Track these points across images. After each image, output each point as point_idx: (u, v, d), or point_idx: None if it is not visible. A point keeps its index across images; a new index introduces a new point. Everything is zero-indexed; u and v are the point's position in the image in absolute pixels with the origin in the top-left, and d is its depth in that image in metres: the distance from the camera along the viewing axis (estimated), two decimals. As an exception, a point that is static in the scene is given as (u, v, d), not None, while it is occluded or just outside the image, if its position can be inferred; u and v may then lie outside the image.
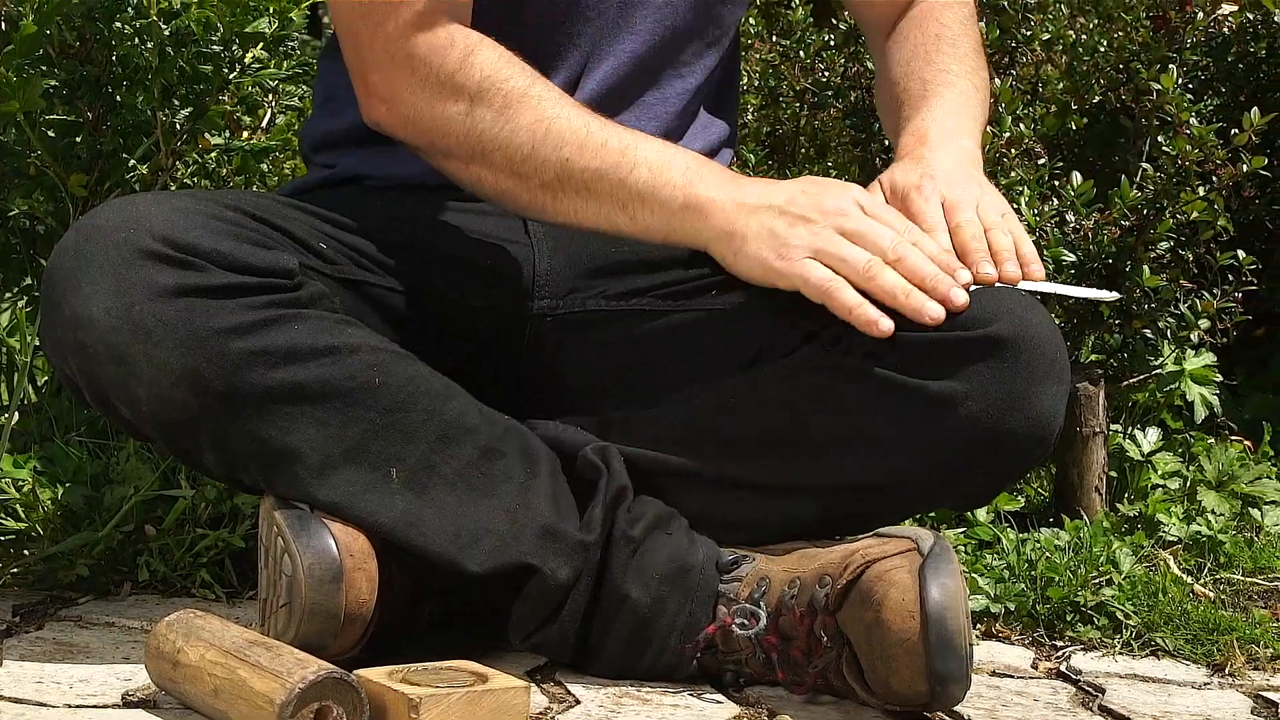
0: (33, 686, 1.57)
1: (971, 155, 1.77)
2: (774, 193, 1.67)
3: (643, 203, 1.66)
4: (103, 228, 1.61)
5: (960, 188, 1.71)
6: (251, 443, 1.61)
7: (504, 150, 1.68)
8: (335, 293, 1.69)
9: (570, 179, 1.67)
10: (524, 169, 1.68)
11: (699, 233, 1.66)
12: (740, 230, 1.64)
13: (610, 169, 1.66)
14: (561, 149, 1.67)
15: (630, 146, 1.67)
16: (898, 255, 1.63)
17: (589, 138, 1.67)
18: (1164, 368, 2.34)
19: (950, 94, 1.83)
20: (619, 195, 1.66)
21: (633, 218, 1.67)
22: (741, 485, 1.69)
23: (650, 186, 1.66)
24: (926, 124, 1.79)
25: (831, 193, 1.67)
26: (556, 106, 1.69)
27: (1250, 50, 2.47)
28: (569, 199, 1.68)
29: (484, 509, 1.65)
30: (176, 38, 2.06)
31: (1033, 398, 1.62)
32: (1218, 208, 2.24)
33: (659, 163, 1.67)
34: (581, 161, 1.66)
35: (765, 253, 1.64)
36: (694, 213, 1.66)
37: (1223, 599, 2.03)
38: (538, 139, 1.67)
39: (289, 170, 2.47)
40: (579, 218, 1.69)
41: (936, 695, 1.56)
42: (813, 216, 1.64)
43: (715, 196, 1.66)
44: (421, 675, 1.50)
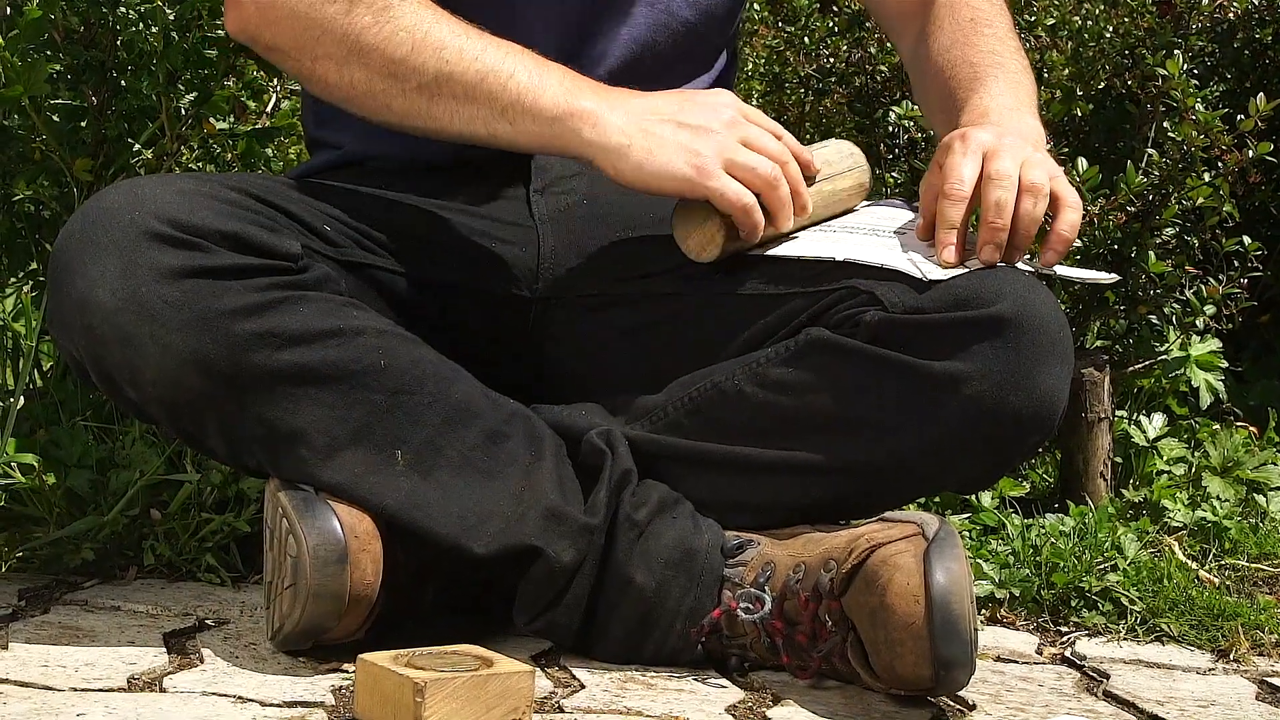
0: (39, 670, 1.58)
1: (1036, 132, 1.76)
2: (659, 104, 1.69)
3: (522, 109, 1.67)
4: (108, 210, 1.61)
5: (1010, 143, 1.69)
6: (257, 425, 1.62)
7: (381, 50, 1.68)
8: (340, 275, 1.70)
9: (450, 81, 1.67)
10: (401, 70, 1.68)
11: (581, 141, 1.67)
12: (641, 143, 1.66)
13: (490, 73, 1.67)
14: (442, 51, 1.67)
15: (510, 54, 1.68)
16: (785, 161, 1.70)
17: (469, 43, 1.68)
18: (1169, 353, 2.34)
19: (1002, 75, 1.81)
20: (499, 100, 1.67)
21: (512, 123, 1.67)
22: (746, 468, 1.69)
23: (530, 92, 1.66)
24: (986, 104, 1.77)
25: (716, 103, 1.70)
26: (435, 14, 1.70)
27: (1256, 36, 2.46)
28: (445, 102, 1.68)
29: (489, 491, 1.65)
30: (181, 22, 2.06)
31: (1036, 377, 1.62)
32: (1223, 193, 2.24)
33: (538, 71, 1.68)
34: (462, 65, 1.67)
35: (679, 164, 1.66)
36: (577, 119, 1.66)
37: (1227, 585, 2.03)
38: (417, 40, 1.68)
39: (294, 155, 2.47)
40: (453, 122, 1.69)
41: (941, 680, 1.56)
42: (714, 127, 1.68)
43: (598, 107, 1.67)
44: (426, 659, 1.51)
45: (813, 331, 1.67)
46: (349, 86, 1.71)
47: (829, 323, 1.67)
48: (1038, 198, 1.66)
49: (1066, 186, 1.70)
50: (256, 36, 1.74)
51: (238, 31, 1.75)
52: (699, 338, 1.75)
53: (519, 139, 1.68)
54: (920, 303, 1.64)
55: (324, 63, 1.71)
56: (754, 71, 2.68)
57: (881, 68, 2.47)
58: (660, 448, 1.71)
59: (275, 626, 1.64)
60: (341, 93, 1.72)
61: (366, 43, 1.68)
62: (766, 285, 1.72)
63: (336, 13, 1.69)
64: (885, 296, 1.65)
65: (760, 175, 1.68)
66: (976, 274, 1.64)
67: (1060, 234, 1.68)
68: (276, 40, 1.73)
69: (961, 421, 1.62)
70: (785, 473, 1.68)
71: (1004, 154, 1.67)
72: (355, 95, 1.71)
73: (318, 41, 1.70)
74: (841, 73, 2.52)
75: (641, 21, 1.84)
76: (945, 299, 1.63)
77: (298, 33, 1.70)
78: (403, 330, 1.68)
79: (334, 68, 1.70)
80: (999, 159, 1.67)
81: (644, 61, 1.84)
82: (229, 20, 1.75)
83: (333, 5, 1.69)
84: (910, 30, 1.94)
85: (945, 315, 1.62)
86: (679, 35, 1.86)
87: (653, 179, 1.66)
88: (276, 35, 1.72)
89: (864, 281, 1.67)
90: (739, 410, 1.69)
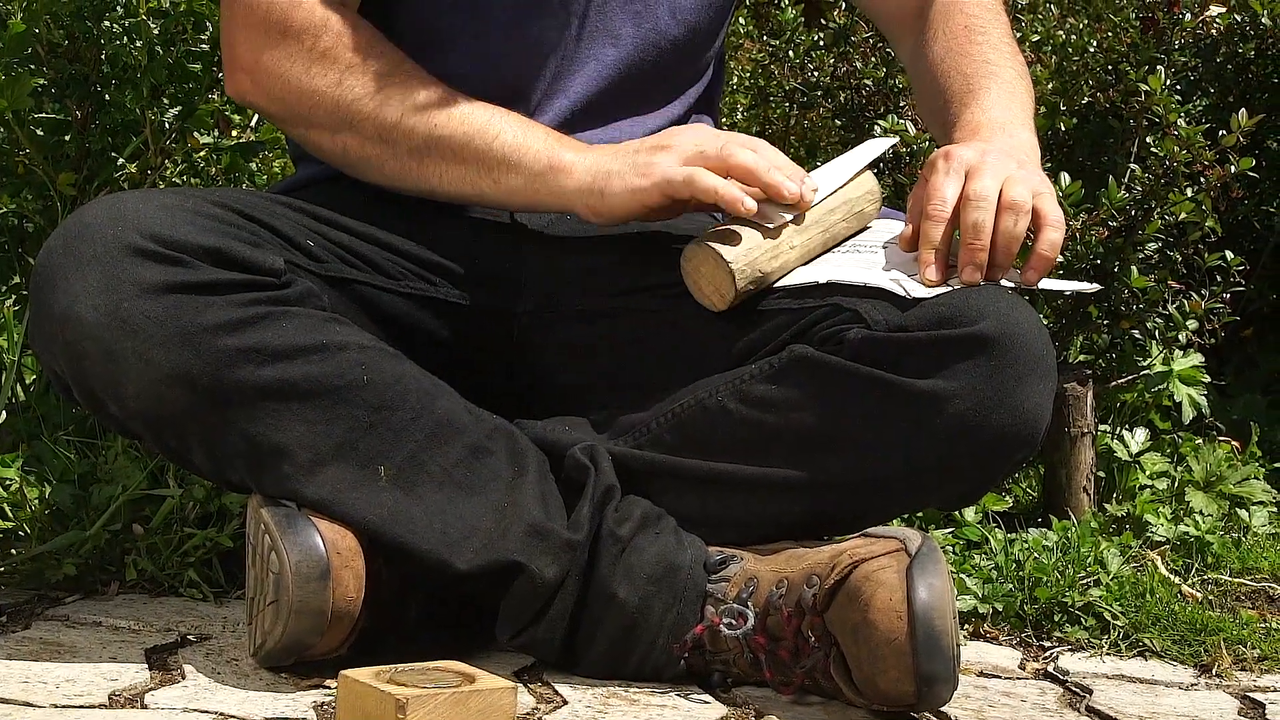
0: (19, 686, 1.57)
1: (1027, 146, 1.75)
2: (629, 143, 1.74)
3: (507, 166, 1.72)
4: (91, 225, 1.61)
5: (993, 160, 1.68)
6: (239, 440, 1.61)
7: (373, 119, 1.73)
8: (323, 291, 1.70)
9: (438, 144, 1.73)
10: (392, 135, 1.73)
11: (562, 192, 1.72)
12: (602, 174, 1.71)
13: (476, 134, 1.72)
14: (431, 116, 1.73)
15: (494, 117, 1.74)
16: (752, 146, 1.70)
17: (455, 108, 1.73)
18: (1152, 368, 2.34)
19: (995, 85, 1.81)
20: (485, 160, 1.72)
21: (496, 181, 1.73)
22: (729, 485, 1.69)
23: (515, 151, 1.72)
24: (977, 119, 1.77)
25: (684, 128, 1.75)
26: (423, 81, 1.75)
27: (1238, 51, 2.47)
28: (434, 164, 1.74)
29: (472, 507, 1.65)
30: (165, 36, 2.06)
31: (1019, 395, 1.62)
32: (1206, 208, 2.24)
33: (521, 130, 1.74)
34: (449, 128, 1.73)
35: (629, 179, 1.70)
36: (557, 173, 1.72)
37: (1210, 599, 2.03)
38: (406, 109, 1.73)
39: (278, 169, 2.47)
40: (442, 182, 1.75)
41: (923, 695, 1.56)
42: (668, 143, 1.71)
43: (574, 159, 1.72)
44: (408, 675, 1.50)
45: (796, 349, 1.67)
46: (342, 152, 1.77)
47: (813, 340, 1.68)
48: (1018, 215, 1.66)
49: (1050, 204, 1.69)
50: (254, 103, 1.80)
51: (236, 97, 1.80)
52: (683, 353, 1.75)
53: (504, 197, 1.74)
54: (903, 321, 1.64)
55: (317, 130, 1.76)
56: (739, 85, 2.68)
57: (867, 82, 2.47)
58: (643, 463, 1.71)
59: (257, 643, 1.63)
60: (336, 158, 1.78)
61: (358, 112, 1.74)
62: (750, 303, 1.72)
63: (328, 84, 1.74)
64: (869, 314, 1.65)
65: (707, 154, 1.69)
66: (959, 292, 1.65)
67: (1040, 254, 1.68)
68: (271, 109, 1.78)
69: (945, 439, 1.63)
70: (768, 489, 1.68)
71: (985, 172, 1.67)
72: (349, 160, 1.77)
73: (311, 111, 1.75)
74: (827, 87, 2.53)
75: (629, 41, 1.84)
76: (928, 317, 1.63)
77: (291, 103, 1.76)
78: (386, 345, 1.68)
79: (327, 135, 1.76)
80: (979, 178, 1.67)
81: (631, 79, 1.84)
82: (228, 85, 1.80)
83: (324, 78, 1.74)
84: (907, 38, 1.93)
85: (928, 333, 1.62)
86: (666, 53, 1.86)
87: (617, 203, 1.70)
88: (271, 104, 1.78)
89: (847, 299, 1.67)
90: (722, 426, 1.69)
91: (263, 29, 1.74)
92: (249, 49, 1.75)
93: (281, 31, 1.74)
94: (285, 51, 1.74)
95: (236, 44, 1.77)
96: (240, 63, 1.77)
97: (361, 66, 1.74)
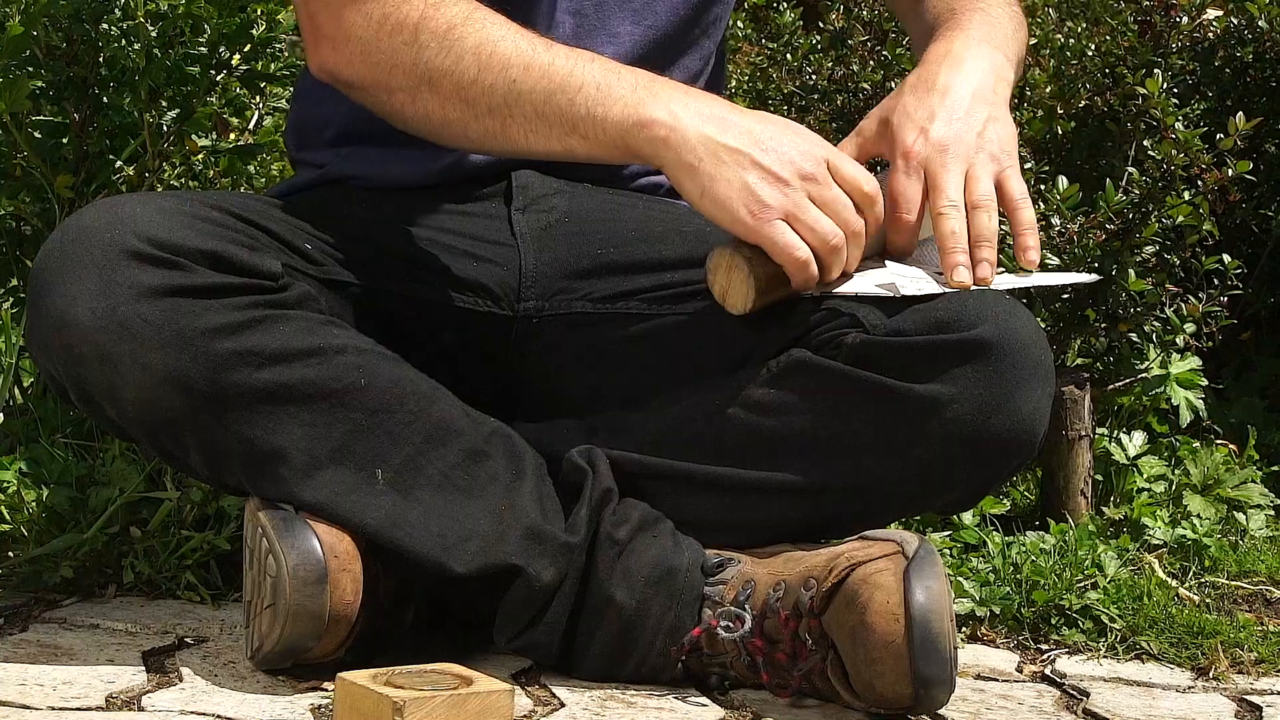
0: (16, 689, 1.57)
1: (993, 71, 1.73)
2: (738, 131, 1.64)
3: (593, 123, 1.64)
4: (88, 228, 1.61)
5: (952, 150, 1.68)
6: (237, 443, 1.61)
7: (450, 76, 1.66)
8: (320, 294, 1.70)
9: (518, 102, 1.65)
10: (471, 93, 1.66)
11: (655, 153, 1.64)
12: (709, 169, 1.63)
13: (558, 90, 1.64)
14: (508, 70, 1.65)
15: (577, 65, 1.65)
16: (854, 231, 1.64)
17: (534, 58, 1.66)
18: (1149, 371, 2.34)
19: (978, 16, 1.79)
20: (568, 117, 1.64)
21: (585, 137, 1.65)
22: (727, 488, 1.69)
23: (601, 105, 1.64)
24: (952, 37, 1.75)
25: (800, 148, 1.65)
26: (500, 29, 1.67)
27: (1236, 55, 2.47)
28: (518, 124, 1.66)
29: (469, 510, 1.65)
30: (164, 39, 2.06)
31: (1018, 400, 1.62)
32: (1203, 212, 2.24)
33: (606, 81, 1.65)
34: (529, 83, 1.64)
35: (736, 204, 1.63)
36: (647, 130, 1.63)
37: (1207, 603, 2.03)
38: (483, 62, 1.65)
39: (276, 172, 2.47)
40: (530, 143, 1.67)
41: (920, 698, 1.56)
42: (786, 176, 1.63)
43: (669, 118, 1.63)
44: (406, 678, 1.50)
45: (794, 353, 1.67)
46: (425, 118, 1.70)
47: (811, 344, 1.68)
48: (990, 211, 1.67)
49: (1014, 181, 1.69)
50: (336, 75, 1.73)
51: (319, 71, 1.74)
52: (680, 357, 1.75)
53: (596, 151, 1.66)
54: (901, 325, 1.64)
55: (398, 95, 1.69)
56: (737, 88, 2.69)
57: (864, 85, 2.47)
58: (641, 466, 1.71)
59: (255, 646, 1.63)
60: (420, 125, 1.71)
61: (435, 69, 1.66)
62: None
63: (403, 42, 1.67)
64: (866, 319, 1.65)
65: (820, 238, 1.63)
66: (957, 296, 1.65)
67: (1023, 241, 1.68)
68: (354, 77, 1.72)
69: (943, 444, 1.63)
70: (766, 493, 1.68)
71: (947, 173, 1.67)
72: (433, 126, 1.70)
73: (390, 74, 1.69)
74: (824, 90, 2.53)
75: (628, 39, 1.84)
76: (926, 322, 1.63)
77: (370, 67, 1.69)
78: (383, 349, 1.68)
79: (408, 100, 1.69)
80: (943, 181, 1.67)
81: None
82: (312, 62, 1.74)
83: (399, 35, 1.67)
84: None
85: (926, 338, 1.62)
86: (667, 50, 1.86)
87: (711, 209, 1.64)
88: (353, 73, 1.71)
89: (845, 303, 1.67)
90: (720, 430, 1.69)
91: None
92: (329, 16, 1.69)
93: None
94: (361, 13, 1.68)
95: (317, 12, 1.71)
96: (322, 30, 1.70)
97: (433, 19, 1.66)
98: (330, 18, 1.70)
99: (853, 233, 1.65)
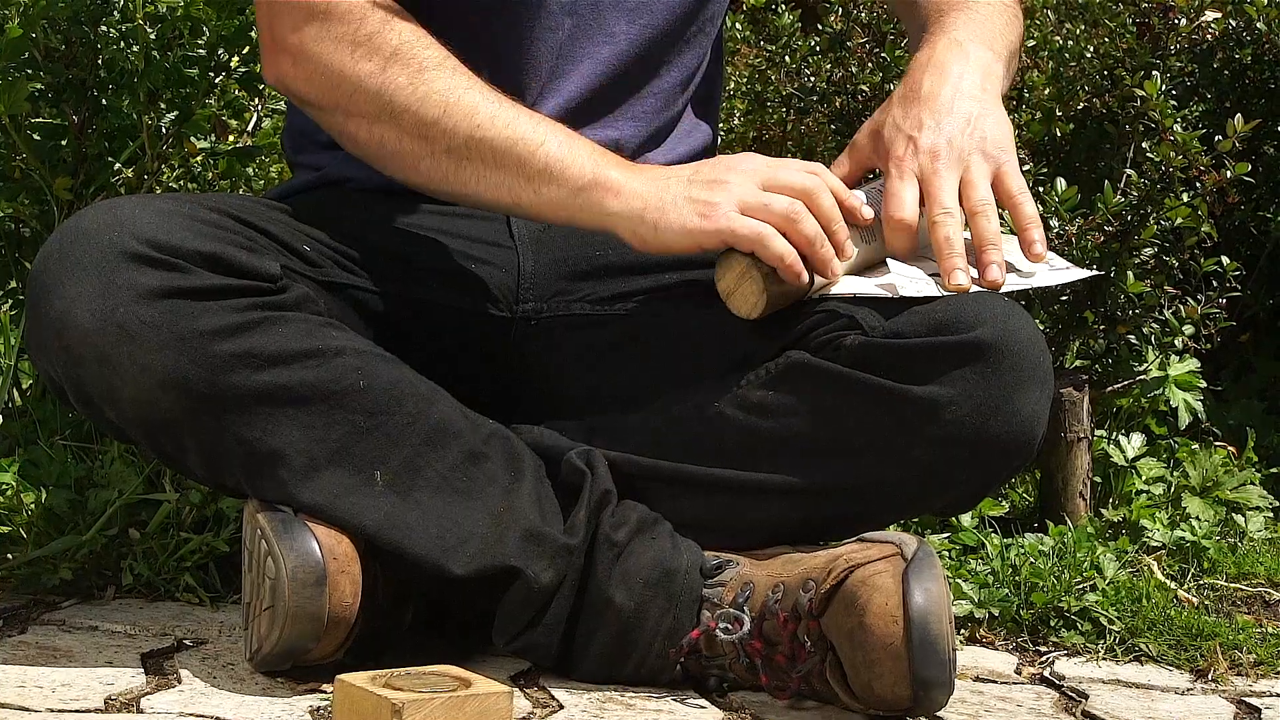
0: (15, 691, 1.57)
1: (979, 68, 1.73)
2: (680, 169, 1.68)
3: (549, 178, 1.66)
4: (87, 230, 1.61)
5: (944, 156, 1.68)
6: (235, 445, 1.61)
7: (414, 112, 1.68)
8: (319, 296, 1.70)
9: (478, 147, 1.67)
10: (432, 132, 1.68)
11: (604, 212, 1.66)
12: (655, 204, 1.64)
13: (520, 141, 1.67)
14: (474, 117, 1.67)
15: (540, 125, 1.68)
16: (814, 199, 1.64)
17: (500, 111, 1.68)
18: (1148, 373, 2.34)
19: (965, 11, 1.79)
20: (526, 168, 1.67)
21: (536, 191, 1.67)
22: (725, 489, 1.69)
23: (559, 162, 1.66)
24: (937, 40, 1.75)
25: (739, 158, 1.68)
26: (469, 80, 1.70)
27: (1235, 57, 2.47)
28: (473, 167, 1.68)
29: (468, 512, 1.65)
30: (162, 41, 2.06)
31: (1016, 403, 1.63)
32: (1202, 214, 2.24)
33: (567, 142, 1.68)
34: (492, 131, 1.67)
35: (687, 217, 1.64)
36: (601, 190, 1.66)
37: (1206, 605, 2.03)
38: (450, 105, 1.68)
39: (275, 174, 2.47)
40: (479, 188, 1.69)
41: (919, 700, 1.56)
42: (725, 178, 1.65)
43: (621, 178, 1.66)
44: (405, 680, 1.50)
45: (793, 355, 1.68)
46: (379, 145, 1.71)
47: (810, 346, 1.68)
48: (988, 215, 1.67)
49: (1011, 177, 1.69)
50: (291, 89, 1.74)
51: (274, 81, 1.75)
52: (679, 359, 1.76)
53: (543, 208, 1.68)
54: (900, 327, 1.64)
55: (356, 120, 1.71)
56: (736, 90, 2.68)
57: (863, 87, 2.47)
58: (640, 468, 1.71)
59: (254, 648, 1.63)
60: (370, 150, 1.72)
61: (399, 102, 1.68)
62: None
63: (371, 70, 1.68)
64: (865, 320, 1.65)
65: (775, 211, 1.63)
66: (956, 299, 1.65)
67: (1027, 235, 1.68)
68: (310, 94, 1.73)
69: (941, 446, 1.63)
70: (765, 495, 1.68)
71: (940, 180, 1.67)
72: (384, 154, 1.71)
73: (350, 98, 1.70)
74: (823, 92, 2.53)
75: (624, 39, 1.84)
76: (925, 323, 1.63)
77: (331, 88, 1.70)
78: (382, 350, 1.68)
79: (365, 125, 1.70)
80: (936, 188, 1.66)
81: (628, 77, 1.84)
82: (266, 70, 1.75)
83: (368, 62, 1.68)
84: None
85: (925, 340, 1.62)
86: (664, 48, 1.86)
87: (668, 236, 1.65)
88: (310, 90, 1.72)
89: (843, 305, 1.67)
90: (719, 431, 1.69)
91: (305, 7, 1.70)
92: (291, 28, 1.70)
93: (325, 12, 1.69)
94: (328, 32, 1.69)
95: (278, 23, 1.72)
96: (282, 43, 1.71)
97: (406, 56, 1.68)
98: (292, 31, 1.71)
99: (807, 192, 1.64)
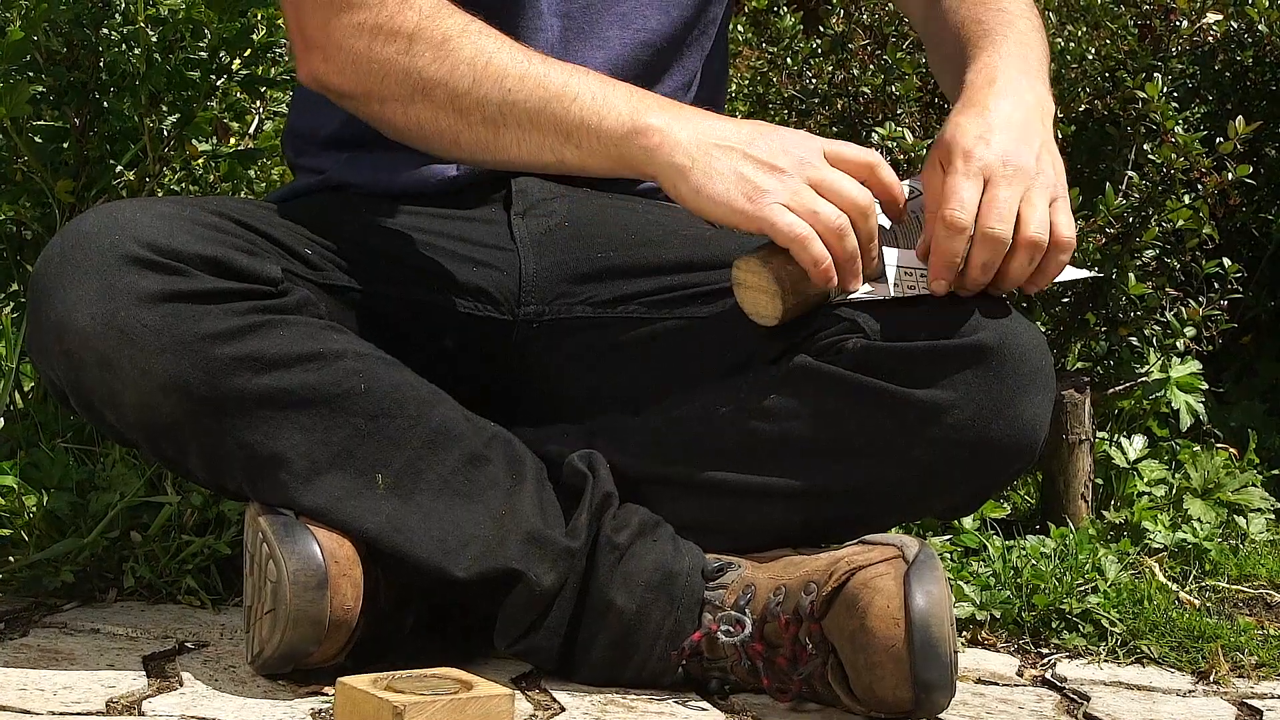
0: (16, 693, 1.57)
1: (1039, 104, 1.70)
2: (730, 132, 1.64)
3: (587, 131, 1.64)
4: (88, 234, 1.61)
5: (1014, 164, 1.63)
6: (237, 448, 1.62)
7: (445, 86, 1.66)
8: (320, 299, 1.70)
9: (513, 111, 1.65)
10: (465, 103, 1.66)
11: (649, 159, 1.63)
12: (702, 166, 1.61)
13: (553, 99, 1.64)
14: (504, 81, 1.65)
15: (572, 78, 1.66)
16: (861, 207, 1.61)
17: (529, 70, 1.66)
18: (1150, 375, 2.34)
19: (1012, 34, 1.75)
20: (563, 125, 1.64)
21: (578, 146, 1.64)
22: (727, 492, 1.69)
23: (595, 114, 1.64)
24: (994, 62, 1.72)
25: (794, 139, 1.64)
26: (495, 42, 1.68)
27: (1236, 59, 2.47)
28: (511, 132, 1.66)
29: (470, 515, 1.65)
30: (164, 44, 2.06)
31: (1018, 406, 1.62)
32: (1203, 216, 2.24)
33: (602, 92, 1.65)
34: (524, 93, 1.65)
35: (734, 194, 1.61)
36: (642, 138, 1.62)
37: (1208, 606, 2.03)
38: (478, 73, 1.66)
39: (276, 177, 2.47)
40: (520, 152, 1.67)
41: (921, 702, 1.56)
42: (782, 165, 1.62)
43: (665, 125, 1.63)
44: (406, 682, 1.51)
45: (796, 358, 1.67)
46: (417, 126, 1.70)
47: (812, 349, 1.67)
48: (1034, 255, 1.63)
49: (1063, 219, 1.65)
50: (326, 84, 1.73)
51: (309, 80, 1.74)
52: (681, 361, 1.75)
53: (588, 162, 1.66)
54: (902, 330, 1.64)
55: (391, 105, 1.69)
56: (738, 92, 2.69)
57: (865, 89, 2.47)
58: (641, 471, 1.71)
59: (255, 651, 1.63)
60: (411, 133, 1.71)
61: (429, 79, 1.66)
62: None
63: (396, 52, 1.67)
64: (867, 324, 1.65)
65: (823, 221, 1.61)
66: (958, 302, 1.65)
67: (1046, 274, 1.65)
68: (344, 86, 1.72)
69: (943, 450, 1.63)
70: (767, 498, 1.68)
71: (1001, 195, 1.62)
72: (424, 134, 1.70)
73: (382, 83, 1.69)
74: (825, 94, 2.53)
75: (616, 44, 1.84)
76: (927, 326, 1.63)
77: (362, 77, 1.69)
78: (383, 353, 1.68)
79: (400, 109, 1.69)
80: (996, 204, 1.61)
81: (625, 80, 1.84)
82: (300, 71, 1.74)
83: (392, 45, 1.67)
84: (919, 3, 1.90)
85: (927, 343, 1.62)
86: (658, 53, 1.86)
87: (708, 205, 1.62)
88: (344, 82, 1.71)
89: (845, 309, 1.67)
90: (721, 434, 1.69)
91: (327, 2, 1.68)
92: (318, 23, 1.70)
93: (345, 3, 1.68)
94: (351, 21, 1.68)
95: (305, 22, 1.71)
96: (311, 41, 1.71)
97: (429, 31, 1.67)
98: (319, 27, 1.70)
99: (859, 209, 1.61)
